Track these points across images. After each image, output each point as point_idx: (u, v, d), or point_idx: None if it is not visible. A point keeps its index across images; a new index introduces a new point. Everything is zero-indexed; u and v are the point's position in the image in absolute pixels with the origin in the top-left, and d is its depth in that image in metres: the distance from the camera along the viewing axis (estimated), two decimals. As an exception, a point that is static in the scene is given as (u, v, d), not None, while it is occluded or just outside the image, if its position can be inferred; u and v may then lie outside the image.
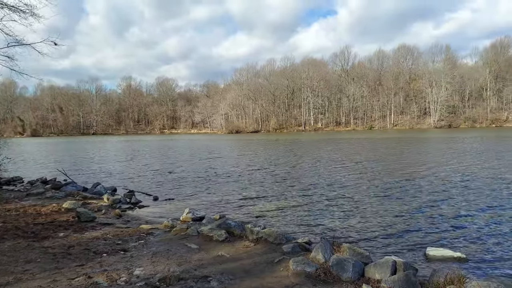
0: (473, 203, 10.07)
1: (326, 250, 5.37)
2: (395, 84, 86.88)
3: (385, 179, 14.35)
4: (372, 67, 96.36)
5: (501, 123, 76.22)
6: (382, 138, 45.80)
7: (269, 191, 12.59)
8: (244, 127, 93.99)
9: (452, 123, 78.68)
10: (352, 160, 21.25)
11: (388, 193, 11.65)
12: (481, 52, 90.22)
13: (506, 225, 7.94)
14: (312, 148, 32.44)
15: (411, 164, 18.62)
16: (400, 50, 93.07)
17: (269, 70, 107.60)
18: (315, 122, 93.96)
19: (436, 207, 9.73)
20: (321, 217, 8.99)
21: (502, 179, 13.65)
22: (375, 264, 4.90)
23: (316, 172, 16.78)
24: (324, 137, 55.58)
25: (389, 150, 28.19)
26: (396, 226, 8.05)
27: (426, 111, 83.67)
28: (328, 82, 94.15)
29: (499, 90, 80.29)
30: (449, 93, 79.30)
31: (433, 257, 6.12)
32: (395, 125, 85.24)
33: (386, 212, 9.33)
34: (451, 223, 8.20)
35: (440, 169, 16.70)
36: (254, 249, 5.91)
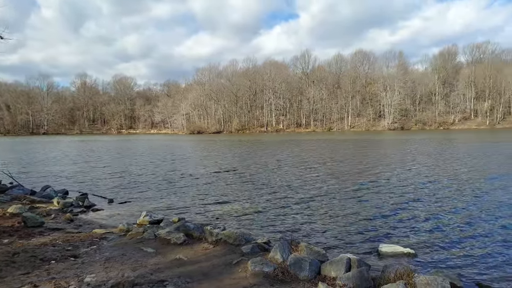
0: (423, 201, 10.70)
1: (285, 250, 5.43)
2: (352, 87, 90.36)
3: (343, 180, 14.84)
4: (331, 71, 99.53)
5: (448, 125, 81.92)
6: (340, 140, 47.42)
7: (230, 192, 12.54)
8: (206, 128, 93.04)
9: (405, 125, 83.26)
10: (313, 161, 21.78)
11: (346, 193, 12.06)
12: (431, 59, 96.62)
13: (452, 221, 8.52)
14: (274, 149, 32.82)
15: (368, 165, 19.43)
16: (357, 55, 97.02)
17: (232, 71, 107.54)
18: (276, 123, 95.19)
19: (389, 205, 10.21)
20: (282, 217, 9.11)
21: (450, 179, 14.63)
22: (330, 262, 5.03)
23: (278, 173, 16.98)
24: (285, 138, 56.48)
25: (347, 151, 29.25)
26: (352, 225, 8.34)
27: (381, 114, 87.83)
28: (290, 84, 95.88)
29: (447, 95, 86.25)
30: (401, 97, 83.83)
31: (385, 254, 6.41)
32: (352, 127, 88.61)
33: (344, 211, 9.65)
34: (402, 220, 8.65)
35: (393, 169, 17.58)
36: (213, 251, 5.85)
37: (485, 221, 8.42)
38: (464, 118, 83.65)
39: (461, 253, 6.48)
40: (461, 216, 8.95)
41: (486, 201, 10.48)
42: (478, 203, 10.31)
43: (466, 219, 8.63)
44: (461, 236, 7.40)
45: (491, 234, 7.48)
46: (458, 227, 7.97)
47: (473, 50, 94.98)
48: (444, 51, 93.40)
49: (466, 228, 7.90)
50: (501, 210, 9.45)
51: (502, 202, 10.37)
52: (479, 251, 6.55)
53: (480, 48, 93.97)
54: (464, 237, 7.30)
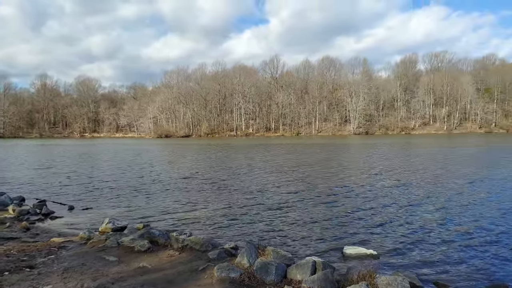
0: (386, 204, 11.10)
1: (251, 254, 5.44)
2: (320, 93, 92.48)
3: (311, 184, 15.10)
4: (299, 76, 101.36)
5: (409, 130, 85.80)
6: (308, 144, 48.29)
7: (199, 198, 12.38)
8: (175, 132, 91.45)
9: (369, 130, 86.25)
10: (281, 166, 22.01)
11: (313, 197, 12.26)
12: (393, 67, 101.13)
13: (413, 223, 8.89)
14: (244, 154, 32.84)
15: (334, 170, 19.90)
16: (324, 61, 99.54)
17: (201, 74, 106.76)
18: (246, 127, 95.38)
19: (354, 208, 10.50)
20: (251, 221, 9.11)
21: (412, 183, 15.30)
22: (296, 266, 5.10)
23: (247, 178, 16.99)
24: (255, 142, 56.72)
25: (315, 155, 29.82)
26: (319, 228, 8.49)
27: (346, 119, 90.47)
28: (259, 89, 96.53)
29: (408, 101, 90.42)
30: (366, 103, 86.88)
31: (349, 256, 6.58)
32: (320, 131, 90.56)
33: (311, 214, 9.81)
34: (367, 223, 8.92)
35: (359, 174, 18.13)
36: (179, 258, 5.74)
37: (443, 223, 8.86)
38: (424, 124, 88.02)
39: (420, 253, 6.78)
40: (421, 218, 9.37)
41: (444, 204, 11.05)
42: (437, 206, 10.85)
43: (425, 221, 9.05)
44: (420, 237, 7.75)
45: (448, 235, 7.88)
46: (418, 229, 8.34)
47: (432, 59, 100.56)
48: (405, 59, 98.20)
49: (425, 230, 8.27)
50: (457, 213, 10.00)
51: (459, 204, 10.98)
52: (437, 251, 6.88)
53: (438, 57, 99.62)
54: (424, 238, 7.64)
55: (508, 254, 6.71)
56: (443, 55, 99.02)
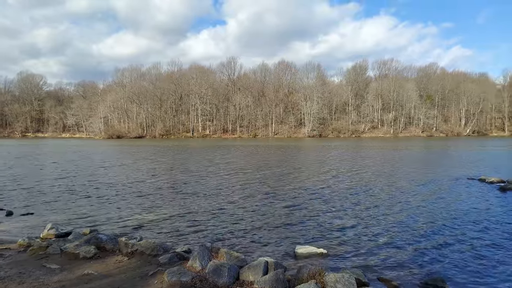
0: (336, 204, 11.55)
1: (204, 257, 5.40)
2: (276, 96, 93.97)
3: (265, 185, 15.29)
4: (257, 79, 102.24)
5: (359, 133, 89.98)
6: (265, 146, 48.84)
7: (152, 201, 12.03)
8: (127, 132, 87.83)
9: (322, 132, 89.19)
10: (238, 167, 22.04)
11: (267, 198, 12.43)
12: (345, 73, 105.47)
13: (360, 222, 9.35)
14: (200, 155, 32.41)
15: (288, 171, 20.32)
16: (280, 65, 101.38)
17: (156, 73, 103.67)
18: (203, 128, 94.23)
19: (307, 208, 10.81)
20: (205, 224, 9.03)
21: (361, 183, 16.04)
22: (249, 267, 5.14)
23: (203, 180, 16.81)
24: (212, 143, 56.22)
25: (271, 157, 30.23)
26: (272, 228, 8.64)
27: (301, 122, 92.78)
28: (216, 90, 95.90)
29: (358, 106, 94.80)
30: (320, 107, 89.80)
31: (301, 255, 6.77)
32: (276, 133, 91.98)
33: (265, 215, 9.94)
34: (318, 222, 9.22)
35: (311, 175, 18.68)
36: (128, 264, 5.54)
37: (387, 222, 9.42)
38: (373, 127, 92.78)
39: (367, 251, 7.16)
40: (367, 217, 9.88)
41: (389, 204, 11.74)
42: (382, 206, 11.50)
43: (371, 220, 9.55)
44: (367, 235, 8.17)
45: (391, 233, 8.40)
46: (365, 228, 8.79)
47: (380, 66, 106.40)
48: (356, 66, 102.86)
49: (371, 229, 8.74)
50: (401, 212, 10.68)
51: (402, 204, 11.74)
52: (382, 249, 7.30)
53: (386, 64, 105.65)
54: (369, 237, 8.07)
55: (444, 250, 7.31)
56: (390, 63, 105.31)
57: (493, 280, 5.88)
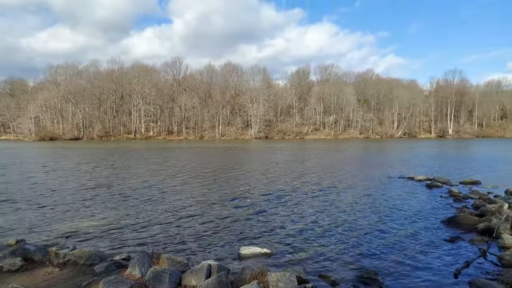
0: (280, 204, 11.82)
1: (144, 264, 5.21)
2: (223, 97, 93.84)
3: (210, 187, 15.16)
4: (203, 80, 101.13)
5: (303, 135, 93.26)
6: (212, 147, 48.46)
7: (88, 207, 11.30)
8: (61, 134, 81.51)
9: (268, 134, 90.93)
10: (184, 169, 21.58)
11: (213, 200, 12.34)
12: (289, 76, 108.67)
13: (303, 221, 9.68)
14: (143, 157, 31.15)
15: (234, 172, 20.38)
16: (226, 67, 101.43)
17: (94, 71, 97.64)
18: (146, 130, 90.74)
19: (251, 209, 10.93)
20: (147, 230, 8.71)
21: (303, 183, 16.58)
22: (191, 271, 5.07)
23: (145, 183, 16.19)
24: (156, 145, 54.35)
25: (218, 158, 30.06)
26: (217, 231, 8.59)
27: (248, 124, 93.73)
28: (161, 91, 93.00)
29: (302, 109, 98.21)
30: (266, 109, 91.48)
31: (245, 256, 6.83)
32: (223, 135, 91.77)
33: (210, 218, 9.86)
34: (262, 223, 9.38)
35: (257, 176, 18.92)
36: (59, 275, 5.16)
37: (327, 221, 9.86)
38: (315, 129, 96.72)
39: (308, 249, 7.44)
40: (309, 216, 10.27)
41: (330, 202, 12.31)
42: (324, 204, 12.03)
43: (313, 220, 9.94)
44: (308, 234, 8.49)
45: (330, 232, 8.81)
46: (307, 227, 9.12)
47: (322, 71, 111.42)
48: (299, 70, 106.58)
49: (312, 228, 9.10)
50: (340, 211, 11.25)
51: (341, 203, 12.37)
52: (322, 247, 7.63)
53: (327, 69, 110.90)
54: (311, 236, 8.40)
55: (378, 245, 7.85)
56: (330, 68, 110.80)
57: (420, 273, 6.45)
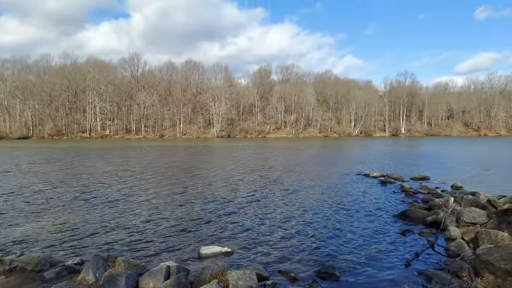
0: (240, 203, 11.85)
1: (99, 268, 5.00)
2: (184, 95, 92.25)
3: (170, 187, 14.85)
4: (163, 77, 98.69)
5: (265, 134, 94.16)
6: (173, 146, 47.45)
7: (38, 209, 10.61)
8: (8, 133, 75.83)
9: (230, 133, 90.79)
10: (142, 169, 20.93)
11: (172, 200, 12.10)
12: (251, 75, 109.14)
13: (263, 219, 9.77)
14: (98, 157, 29.78)
15: (197, 171, 20.12)
16: (187, 64, 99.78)
17: (45, 66, 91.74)
18: (102, 128, 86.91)
19: (211, 208, 10.86)
20: (103, 233, 8.35)
21: (263, 182, 16.75)
22: (149, 274, 4.94)
23: (101, 184, 15.51)
24: (113, 145, 52.19)
25: (179, 157, 29.50)
26: (176, 231, 8.44)
27: (210, 122, 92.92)
28: (118, 87, 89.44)
29: (264, 107, 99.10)
30: (228, 108, 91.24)
31: (205, 255, 6.77)
32: (184, 134, 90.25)
33: (170, 218, 9.65)
34: (223, 222, 9.35)
35: (218, 174, 18.81)
36: (5, 283, 4.82)
37: (286, 218, 10.02)
38: (277, 128, 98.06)
39: (268, 247, 7.53)
40: (270, 213, 10.40)
41: (290, 199, 12.53)
42: (285, 201, 12.23)
43: (273, 217, 10.08)
44: (270, 231, 8.60)
45: (289, 229, 8.98)
46: (267, 225, 9.23)
47: (283, 70, 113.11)
48: (261, 69, 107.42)
49: (274, 225, 9.22)
50: (300, 206, 11.49)
51: (302, 198, 12.64)
52: (282, 244, 7.76)
53: (288, 69, 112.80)
54: (271, 233, 8.50)
55: (336, 240, 8.13)
56: (291, 68, 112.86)
57: (374, 265, 6.76)
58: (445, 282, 5.43)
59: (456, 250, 7.27)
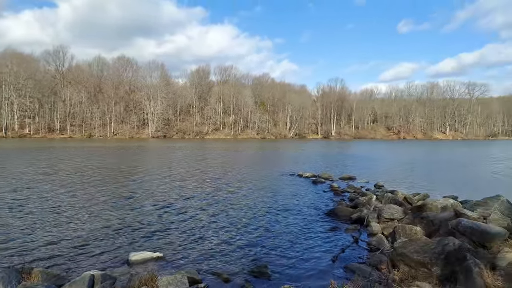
0: (173, 207, 11.59)
1: (11, 281, 4.55)
2: (116, 93, 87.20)
3: (100, 189, 13.97)
4: (92, 73, 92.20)
5: (203, 135, 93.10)
6: (103, 147, 44.50)
7: None
8: None
9: (167, 134, 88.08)
10: (67, 171, 19.31)
11: (101, 204, 11.40)
12: (189, 75, 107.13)
13: (196, 223, 9.67)
14: (16, 159, 26.74)
15: (127, 173, 19.18)
16: (120, 60, 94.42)
17: None
18: (20, 127, 78.23)
19: (144, 213, 10.46)
20: (18, 242, 7.56)
21: (196, 185, 16.56)
22: (70, 284, 4.64)
23: (18, 188, 13.96)
24: (34, 145, 47.20)
25: (108, 158, 27.77)
26: (104, 238, 7.99)
27: (145, 122, 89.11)
28: (39, 82, 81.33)
29: (202, 108, 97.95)
30: (164, 107, 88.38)
31: (135, 262, 6.51)
32: (116, 134, 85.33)
33: (98, 224, 9.10)
34: (154, 227, 9.06)
35: (151, 177, 18.15)
36: None
37: (219, 220, 10.02)
38: (215, 129, 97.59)
39: (202, 249, 7.50)
40: (204, 217, 10.33)
41: (224, 201, 12.58)
42: (219, 203, 12.24)
43: (208, 219, 10.05)
44: (202, 234, 8.54)
45: (221, 231, 9.02)
46: (202, 228, 9.17)
47: (221, 71, 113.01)
48: (199, 69, 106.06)
49: (207, 228, 9.18)
50: (233, 207, 11.59)
51: (234, 199, 12.76)
52: (214, 246, 7.77)
53: (226, 71, 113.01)
54: (204, 236, 8.46)
55: (268, 239, 8.36)
56: (230, 70, 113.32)
57: (304, 261, 7.10)
58: (366, 275, 5.90)
59: (376, 244, 7.95)
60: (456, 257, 5.42)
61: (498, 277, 5.17)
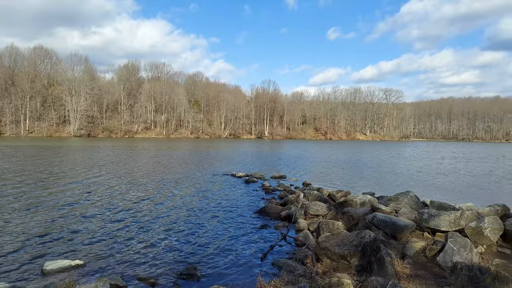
0: (96, 210, 10.86)
1: None
2: (31, 87, 78.67)
3: (9, 195, 12.48)
4: (3, 64, 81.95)
5: (132, 134, 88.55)
6: (14, 147, 39.74)
7: None
8: None
9: (91, 132, 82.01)
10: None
11: (7, 211, 10.20)
12: (117, 70, 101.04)
13: (124, 225, 9.18)
14: None
15: (45, 176, 17.47)
16: (36, 51, 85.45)
17: None
18: None
19: (61, 219, 9.63)
20: None
21: (128, 186, 15.73)
22: (-32, 302, 4.06)
23: None
24: None
25: (20, 159, 24.91)
26: (14, 248, 7.17)
27: (66, 119, 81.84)
28: None
29: (131, 105, 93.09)
30: (88, 104, 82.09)
31: (51, 271, 5.99)
32: (31, 132, 77.02)
33: (6, 234, 8.10)
34: (73, 233, 8.39)
35: (70, 179, 16.79)
36: None
37: (143, 225, 9.58)
38: (146, 128, 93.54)
39: (128, 254, 7.14)
40: (129, 220, 9.86)
41: (153, 204, 12.15)
42: (147, 206, 11.79)
43: (133, 222, 9.60)
44: (127, 239, 8.13)
45: (146, 235, 8.68)
46: (127, 231, 8.72)
47: (153, 68, 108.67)
48: (128, 64, 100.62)
49: (133, 231, 8.78)
50: (163, 210, 11.26)
51: (167, 201, 12.41)
52: (139, 251, 7.45)
53: (158, 67, 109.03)
54: (128, 241, 8.04)
55: (198, 241, 8.28)
56: (162, 67, 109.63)
57: (234, 260, 7.17)
58: (292, 269, 6.18)
59: (303, 240, 8.36)
60: (371, 249, 5.94)
61: (407, 265, 5.81)
